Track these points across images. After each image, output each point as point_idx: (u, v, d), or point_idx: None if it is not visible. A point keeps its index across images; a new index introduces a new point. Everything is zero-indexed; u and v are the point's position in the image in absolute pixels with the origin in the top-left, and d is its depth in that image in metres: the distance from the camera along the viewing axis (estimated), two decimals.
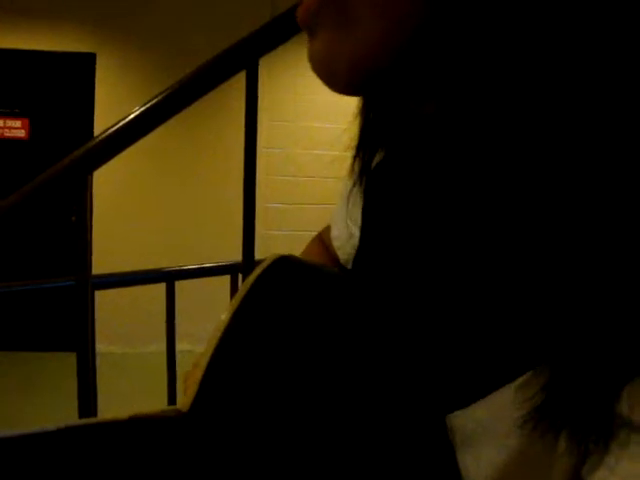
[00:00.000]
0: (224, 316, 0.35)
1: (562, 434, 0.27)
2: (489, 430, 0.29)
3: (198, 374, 0.33)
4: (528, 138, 0.29)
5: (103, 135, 0.99)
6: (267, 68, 4.03)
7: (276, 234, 4.18)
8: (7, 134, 4.08)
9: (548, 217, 0.28)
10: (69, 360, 1.45)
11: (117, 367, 3.58)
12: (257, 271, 0.37)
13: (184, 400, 0.32)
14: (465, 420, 0.30)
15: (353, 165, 0.46)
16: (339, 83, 0.34)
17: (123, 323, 4.09)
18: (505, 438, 0.28)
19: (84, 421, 0.31)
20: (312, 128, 4.32)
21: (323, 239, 0.62)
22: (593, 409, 0.26)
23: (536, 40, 0.27)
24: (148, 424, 0.31)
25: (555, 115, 0.27)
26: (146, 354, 3.89)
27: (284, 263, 0.38)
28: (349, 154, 0.47)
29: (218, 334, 0.34)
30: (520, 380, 0.28)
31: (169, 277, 1.45)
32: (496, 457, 0.29)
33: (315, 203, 4.22)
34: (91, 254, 1.13)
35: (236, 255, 1.36)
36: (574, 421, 0.26)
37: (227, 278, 1.57)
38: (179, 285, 1.49)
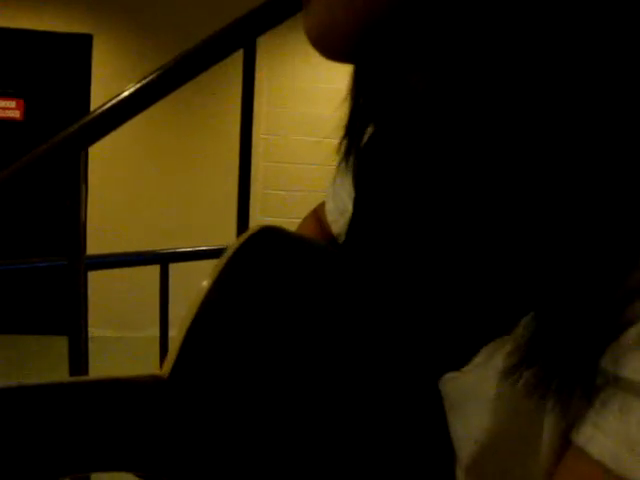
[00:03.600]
0: (205, 282, 0.34)
1: (550, 393, 0.27)
2: (480, 395, 0.29)
3: (178, 341, 0.32)
4: (514, 114, 0.29)
5: (98, 111, 0.98)
6: (266, 54, 4.01)
7: (275, 221, 4.17)
8: (1, 114, 4.04)
9: (533, 184, 0.28)
10: (60, 344, 1.45)
11: (110, 351, 3.58)
12: (241, 239, 0.37)
13: (164, 367, 0.32)
14: (456, 386, 0.31)
15: (341, 142, 0.47)
16: (332, 48, 0.35)
17: (117, 307, 4.08)
18: (495, 402, 0.28)
19: (58, 380, 0.30)
20: (311, 115, 4.30)
21: (318, 214, 0.62)
22: (578, 364, 0.26)
23: (531, 17, 0.27)
24: (126, 387, 0.31)
25: (539, 92, 0.27)
26: (140, 338, 3.88)
27: (268, 233, 0.38)
28: (336, 149, 0.48)
29: (198, 301, 0.33)
30: (511, 345, 0.28)
31: (163, 259, 1.44)
32: (486, 420, 0.29)
33: (314, 190, 4.21)
34: (85, 234, 1.12)
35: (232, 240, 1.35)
36: (560, 376, 0.26)
37: None
38: (174, 271, 1.48)
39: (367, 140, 0.46)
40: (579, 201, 0.26)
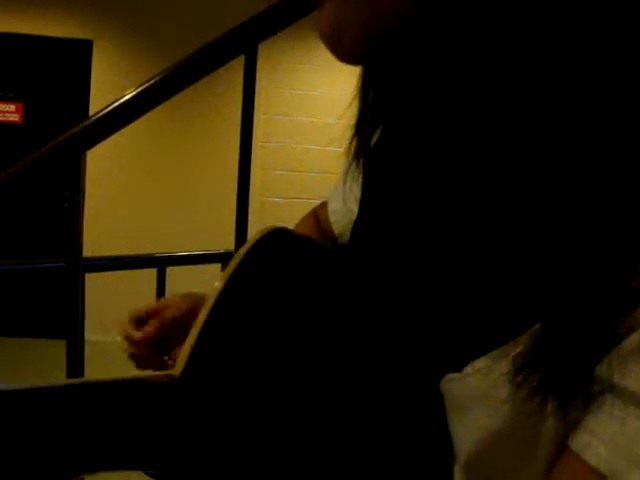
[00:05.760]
0: (217, 284, 0.35)
1: (550, 397, 0.27)
2: (484, 397, 0.30)
3: (191, 340, 0.33)
4: (519, 119, 0.29)
5: (99, 114, 0.98)
6: (264, 62, 4.02)
7: None
8: (1, 118, 4.04)
9: (540, 191, 0.29)
10: (58, 348, 1.44)
11: (106, 355, 3.56)
12: (251, 241, 0.37)
13: (177, 366, 0.32)
14: (459, 387, 0.31)
15: (351, 143, 0.47)
16: (345, 51, 0.34)
17: (113, 310, 4.06)
18: (500, 404, 0.29)
19: (76, 380, 0.31)
20: (308, 123, 4.32)
21: (317, 215, 0.62)
22: (577, 369, 0.26)
23: (536, 27, 0.28)
24: (138, 386, 0.31)
25: (547, 101, 0.28)
26: None
27: (278, 234, 0.38)
28: (345, 150, 0.47)
29: (211, 302, 0.34)
30: (518, 349, 0.28)
31: (160, 262, 1.45)
32: (488, 422, 0.29)
33: (311, 198, 4.21)
34: (82, 236, 1.12)
35: (230, 246, 1.36)
36: (560, 381, 0.27)
37: (218, 268, 1.57)
38: (170, 275, 1.48)
39: (376, 141, 0.46)
40: (581, 206, 0.26)
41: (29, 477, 0.28)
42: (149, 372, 0.32)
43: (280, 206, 4.32)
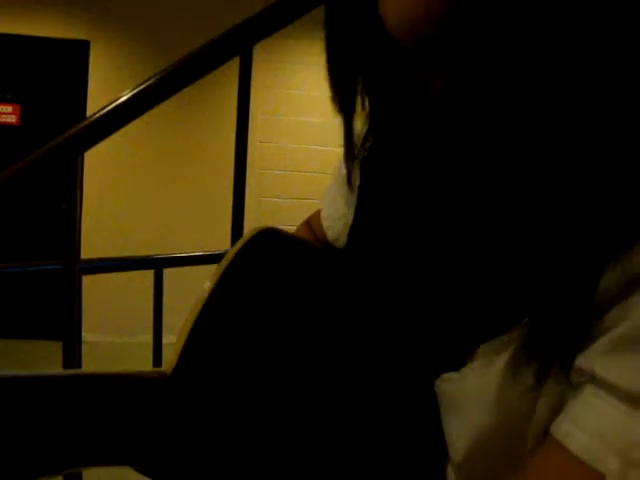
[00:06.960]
0: (208, 283, 0.35)
1: (543, 390, 0.28)
2: (480, 395, 0.30)
3: (181, 339, 0.33)
4: (528, 123, 0.30)
5: (95, 116, 0.98)
6: (262, 63, 4.02)
7: None
8: None
9: (536, 193, 0.29)
10: (54, 349, 1.44)
11: (103, 357, 3.57)
12: (242, 240, 0.37)
13: (167, 363, 0.33)
14: (454, 387, 0.32)
15: (345, 147, 0.47)
16: (414, 33, 0.34)
17: (111, 312, 4.07)
18: (494, 401, 0.30)
19: (70, 372, 0.31)
20: (306, 123, 4.32)
21: (310, 225, 0.62)
22: (563, 361, 0.27)
23: (550, 34, 0.29)
24: (129, 382, 0.31)
25: (556, 105, 0.28)
26: (133, 344, 3.87)
27: (269, 234, 0.38)
28: (341, 150, 0.47)
29: (202, 300, 0.34)
30: (512, 346, 0.29)
31: (157, 264, 1.44)
32: (482, 420, 0.30)
33: (309, 198, 4.22)
34: (80, 238, 1.12)
35: (228, 247, 1.36)
36: (553, 374, 0.28)
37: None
38: (167, 278, 1.48)
39: (371, 145, 0.46)
40: (574, 207, 0.27)
41: (21, 468, 0.28)
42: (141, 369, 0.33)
43: (277, 205, 4.33)
